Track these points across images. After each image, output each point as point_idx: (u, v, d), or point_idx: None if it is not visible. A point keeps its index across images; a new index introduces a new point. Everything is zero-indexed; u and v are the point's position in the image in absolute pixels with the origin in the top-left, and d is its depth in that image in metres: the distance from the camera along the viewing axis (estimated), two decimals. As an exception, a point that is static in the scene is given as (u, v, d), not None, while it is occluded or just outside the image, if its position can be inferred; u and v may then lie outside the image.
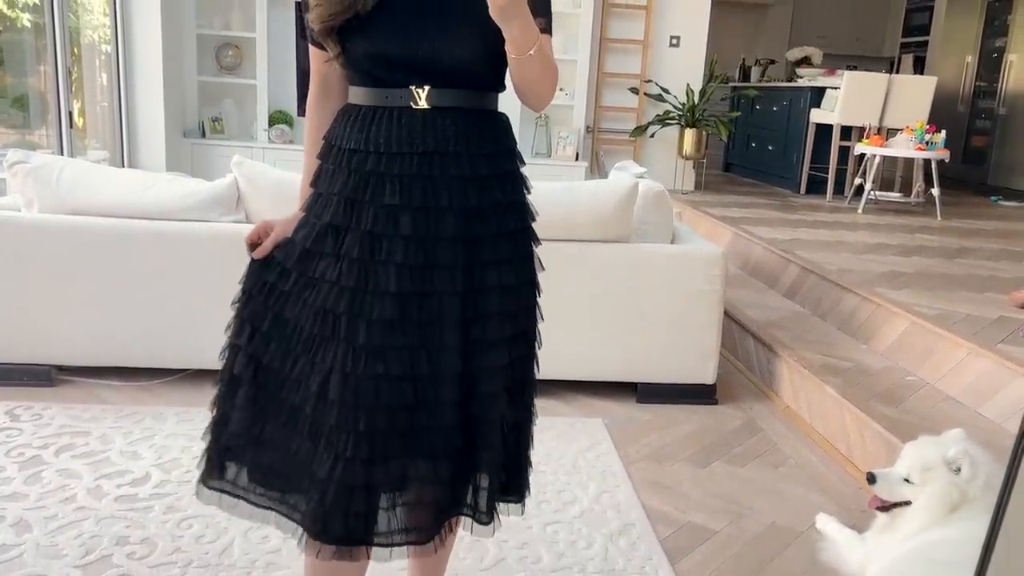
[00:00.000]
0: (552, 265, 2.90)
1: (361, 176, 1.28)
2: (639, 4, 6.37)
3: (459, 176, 1.28)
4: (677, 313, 2.99)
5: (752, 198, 6.49)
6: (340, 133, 1.33)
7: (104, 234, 2.79)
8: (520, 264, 1.36)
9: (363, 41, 1.27)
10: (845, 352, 3.17)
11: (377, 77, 1.29)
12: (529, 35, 1.17)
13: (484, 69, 1.30)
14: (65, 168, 2.83)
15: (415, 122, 1.28)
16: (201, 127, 5.87)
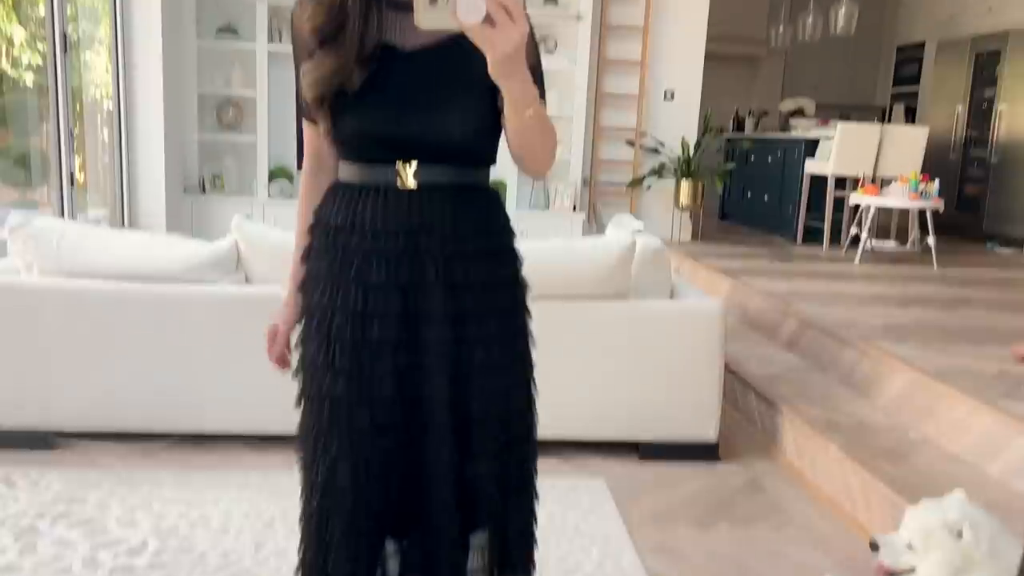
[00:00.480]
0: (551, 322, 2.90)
1: (347, 255, 1.29)
2: (633, 59, 6.47)
3: (445, 253, 1.28)
4: (677, 369, 2.99)
5: (749, 248, 6.52)
6: (328, 210, 1.34)
7: (103, 298, 2.79)
8: (509, 341, 1.34)
9: (351, 119, 1.27)
10: (847, 407, 3.16)
11: (365, 154, 1.30)
12: (528, 93, 1.14)
13: (473, 145, 1.30)
14: (66, 231, 2.85)
15: (401, 200, 1.28)
16: (201, 183, 5.92)
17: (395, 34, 1.27)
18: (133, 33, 5.31)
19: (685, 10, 6.49)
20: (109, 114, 5.35)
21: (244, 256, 2.91)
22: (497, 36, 1.03)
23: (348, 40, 1.23)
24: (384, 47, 1.26)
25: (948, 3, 8.15)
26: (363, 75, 1.24)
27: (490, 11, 1.02)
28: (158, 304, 2.81)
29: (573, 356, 2.95)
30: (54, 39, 4.49)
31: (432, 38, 1.26)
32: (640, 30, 6.43)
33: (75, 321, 2.79)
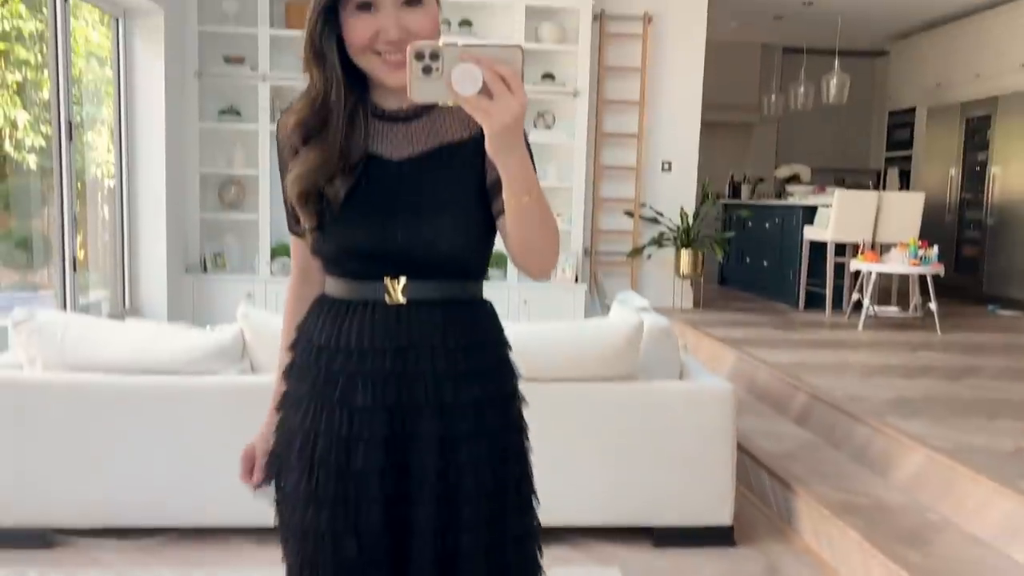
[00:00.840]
0: (559, 405, 2.88)
1: (331, 375, 1.23)
2: (631, 132, 6.56)
3: (435, 372, 1.21)
4: (689, 452, 2.94)
5: (752, 315, 6.51)
6: (312, 326, 1.28)
7: (106, 392, 2.75)
8: (502, 464, 1.26)
9: (336, 232, 1.21)
10: (863, 487, 3.10)
11: (350, 269, 1.24)
12: (528, 173, 1.07)
13: (464, 257, 1.24)
14: (70, 324, 2.82)
15: (389, 317, 1.22)
16: (203, 262, 5.92)
17: (381, 144, 1.23)
18: (136, 115, 5.38)
19: (680, 84, 6.60)
20: (110, 192, 5.39)
21: (249, 344, 2.89)
22: (495, 108, 0.99)
23: (332, 134, 1.20)
24: (370, 157, 1.22)
25: (936, 71, 8.31)
26: (347, 184, 1.20)
27: (487, 81, 0.99)
28: (161, 397, 2.77)
29: (582, 439, 2.91)
30: (59, 125, 4.54)
31: (424, 145, 1.23)
32: (636, 104, 6.52)
33: (77, 416, 2.74)
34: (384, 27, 1.14)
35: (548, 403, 2.88)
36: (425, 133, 1.23)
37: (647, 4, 6.47)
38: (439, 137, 1.23)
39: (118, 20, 5.15)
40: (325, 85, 1.19)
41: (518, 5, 5.93)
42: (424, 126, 1.24)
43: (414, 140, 1.23)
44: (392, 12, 1.15)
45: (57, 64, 4.45)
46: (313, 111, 1.21)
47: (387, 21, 1.14)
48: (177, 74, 5.58)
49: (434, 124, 1.24)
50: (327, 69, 1.19)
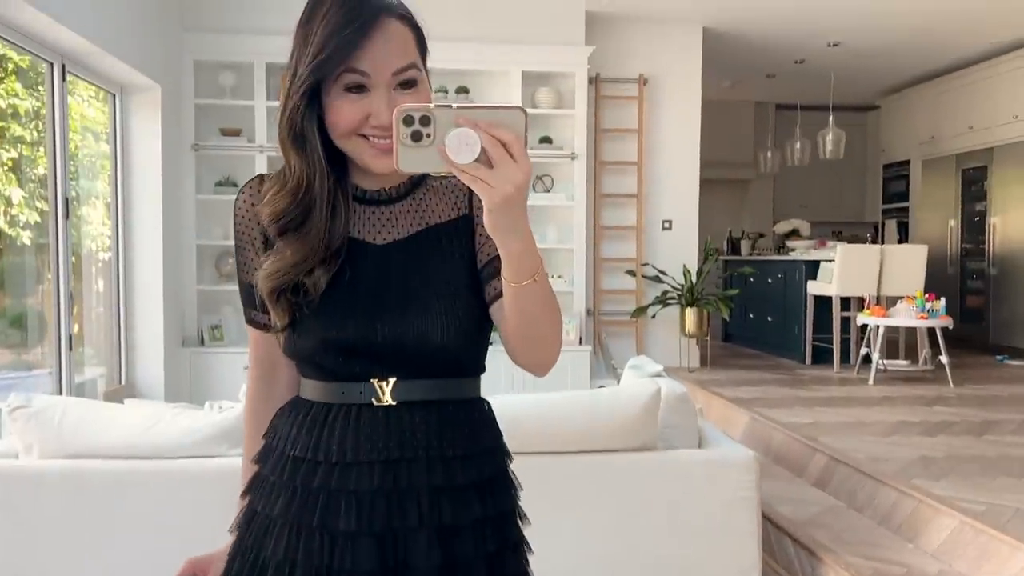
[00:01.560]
0: (575, 478, 2.77)
1: (309, 493, 1.06)
2: (630, 193, 6.56)
3: (431, 487, 1.06)
4: (712, 523, 2.82)
5: (760, 372, 6.42)
6: (285, 434, 1.10)
7: (106, 478, 2.64)
8: None
9: (313, 328, 1.06)
10: (894, 554, 2.98)
11: (331, 369, 1.08)
12: (532, 250, 0.95)
13: (458, 350, 1.09)
14: (68, 409, 2.72)
15: (377, 422, 1.06)
16: (200, 335, 5.83)
17: (363, 229, 1.11)
18: (133, 188, 5.34)
19: (677, 143, 6.64)
20: (105, 265, 5.32)
21: (253, 425, 2.78)
22: (496, 177, 0.87)
23: (315, 226, 1.06)
24: (352, 243, 1.09)
25: (929, 124, 8.38)
26: (329, 274, 1.07)
27: (486, 148, 0.88)
28: (162, 482, 2.66)
29: (600, 513, 2.79)
30: (56, 202, 4.49)
31: (408, 229, 1.12)
32: (635, 165, 6.54)
33: (76, 504, 2.62)
34: (376, 110, 1.02)
35: (564, 476, 2.78)
36: (410, 215, 1.12)
37: (642, 66, 6.53)
38: (425, 219, 1.12)
39: (115, 96, 5.15)
40: (308, 173, 1.06)
41: (515, 71, 5.97)
42: (408, 207, 1.13)
43: (398, 223, 1.12)
44: (385, 94, 1.03)
45: (54, 141, 4.43)
46: (294, 201, 1.07)
47: (379, 104, 1.02)
48: (174, 147, 5.57)
49: (419, 205, 1.13)
50: (310, 154, 1.06)
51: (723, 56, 7.32)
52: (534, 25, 6.11)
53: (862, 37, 6.94)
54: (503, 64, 5.98)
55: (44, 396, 2.79)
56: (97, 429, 2.69)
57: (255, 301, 1.14)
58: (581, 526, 2.77)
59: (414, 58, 1.06)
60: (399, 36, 1.04)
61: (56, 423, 2.66)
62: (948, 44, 7.18)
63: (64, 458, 2.66)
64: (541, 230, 6.12)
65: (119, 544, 2.64)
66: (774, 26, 6.67)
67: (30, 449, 2.67)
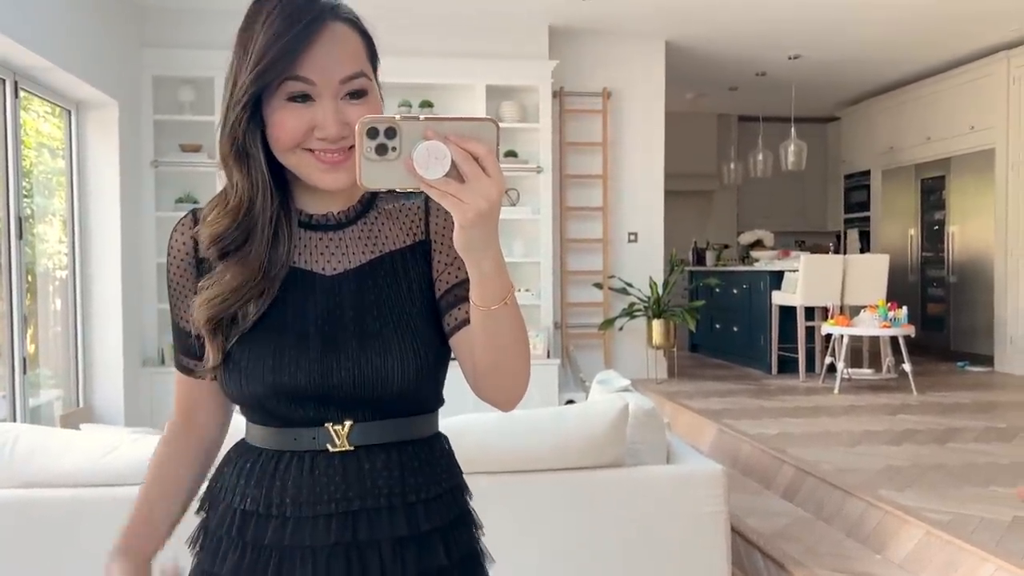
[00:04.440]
0: (542, 496, 2.73)
1: (261, 550, 0.98)
2: (596, 206, 6.57)
3: (393, 538, 0.98)
4: (681, 539, 2.80)
5: (727, 384, 6.45)
6: (232, 484, 1.02)
7: (61, 507, 2.55)
8: None
9: (259, 368, 0.98)
10: (862, 566, 2.98)
11: (280, 415, 0.99)
12: (503, 272, 0.89)
13: (418, 387, 1.01)
14: (20, 436, 2.63)
15: (333, 470, 0.98)
16: (160, 355, 5.72)
17: (310, 258, 1.03)
18: (90, 205, 5.23)
19: (642, 156, 6.66)
20: (62, 284, 5.19)
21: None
22: (468, 193, 0.81)
23: (256, 248, 0.99)
24: (297, 272, 1.02)
25: (887, 135, 8.51)
26: (264, 304, 0.99)
27: (457, 162, 0.82)
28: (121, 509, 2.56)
29: (567, 531, 2.76)
30: (9, 223, 4.37)
31: (361, 257, 1.03)
32: (600, 178, 6.55)
33: (29, 534, 2.54)
34: (321, 122, 0.95)
35: (531, 495, 2.75)
36: (361, 242, 1.04)
37: (605, 80, 6.56)
38: (378, 246, 1.04)
39: (70, 112, 5.05)
40: (251, 191, 0.98)
41: (479, 84, 5.95)
42: (359, 233, 1.04)
43: (349, 251, 1.03)
44: (331, 104, 0.95)
45: (7, 160, 4.31)
46: (234, 222, 0.99)
47: (325, 114, 0.95)
48: (132, 164, 5.47)
49: (371, 230, 1.04)
50: (253, 171, 0.98)
51: (686, 69, 7.38)
52: (498, 39, 6.11)
53: (821, 50, 7.03)
54: (467, 78, 5.97)
55: (-6, 423, 2.70)
56: (52, 456, 2.60)
57: (189, 346, 1.05)
58: (550, 545, 2.74)
59: (363, 66, 0.98)
60: (346, 41, 0.97)
61: (8, 451, 2.57)
62: (905, 56, 7.30)
63: (16, 487, 2.57)
64: (508, 244, 6.09)
65: (77, 573, 2.55)
66: (735, 39, 6.74)
67: (-20, 479, 2.58)
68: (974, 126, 7.18)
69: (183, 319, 1.05)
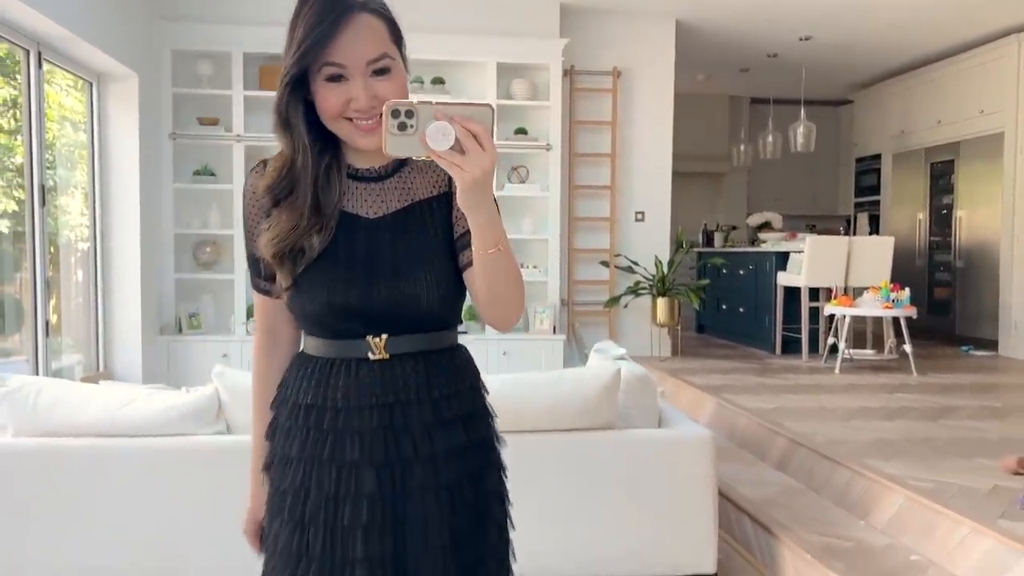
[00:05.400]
0: (540, 456, 2.86)
1: (320, 433, 1.25)
2: (603, 184, 6.65)
3: (423, 423, 1.25)
4: (670, 499, 2.92)
5: (730, 362, 6.54)
6: (296, 386, 1.29)
7: (80, 456, 2.71)
8: (485, 506, 1.31)
9: (317, 291, 1.24)
10: (845, 530, 3.09)
11: (331, 328, 1.26)
12: (495, 225, 1.13)
13: (440, 309, 1.27)
14: (43, 388, 2.78)
15: (373, 373, 1.25)
16: (178, 323, 5.88)
17: (356, 203, 1.28)
18: (111, 177, 5.38)
19: (650, 136, 6.74)
20: (83, 255, 5.36)
21: (225, 404, 2.86)
22: (467, 162, 1.04)
23: (300, 198, 1.24)
24: (345, 216, 1.27)
25: (899, 118, 8.52)
26: (324, 242, 1.24)
27: (459, 138, 1.04)
28: (136, 459, 2.73)
29: (562, 490, 2.89)
30: (32, 189, 4.53)
31: (397, 203, 1.29)
32: (608, 156, 6.63)
33: (50, 482, 2.69)
34: (355, 96, 1.19)
35: (527, 454, 2.87)
36: (397, 192, 1.29)
37: (615, 59, 6.63)
38: (410, 195, 1.29)
39: (92, 84, 5.19)
40: (293, 152, 1.24)
41: (490, 63, 6.04)
42: (395, 185, 1.29)
43: (387, 199, 1.29)
44: (361, 82, 1.19)
45: (31, 130, 4.46)
46: (280, 177, 1.25)
47: (357, 90, 1.19)
48: (151, 136, 5.61)
49: (405, 183, 1.30)
50: (294, 137, 1.24)
51: (697, 49, 7.43)
52: (509, 17, 6.19)
53: (832, 31, 7.06)
54: (479, 56, 6.06)
55: (19, 376, 2.85)
56: (72, 408, 2.75)
57: (260, 270, 1.33)
58: (543, 503, 2.87)
59: (386, 48, 1.20)
60: (369, 28, 1.19)
61: (31, 402, 2.73)
62: (917, 40, 7.32)
63: (39, 436, 2.72)
64: (516, 221, 6.21)
65: (93, 519, 2.71)
66: (746, 19, 6.78)
67: (5, 428, 2.74)
68: (983, 110, 7.20)
69: (255, 248, 1.30)
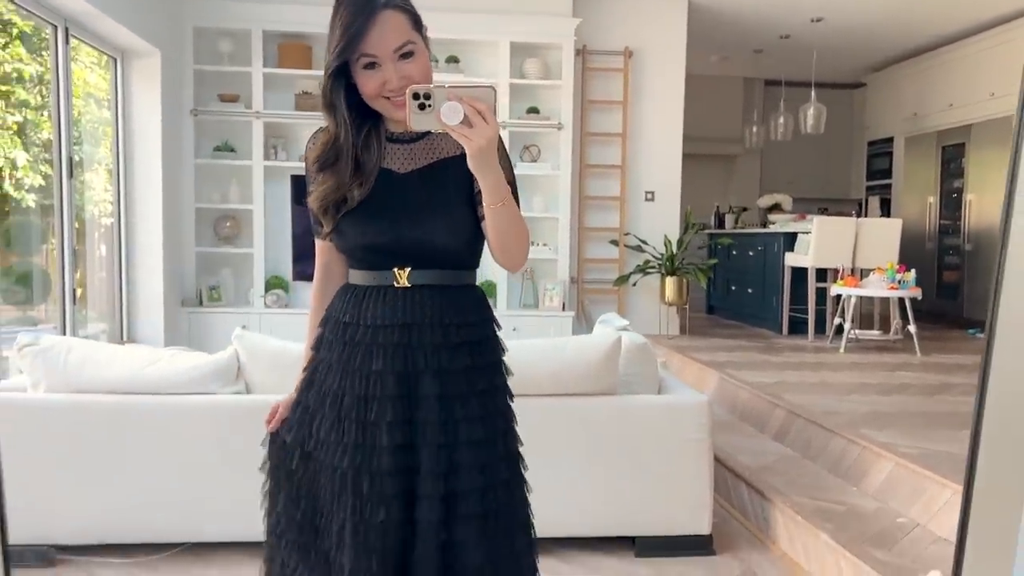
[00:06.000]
0: (542, 420, 3.00)
1: (353, 346, 1.52)
2: (614, 164, 6.75)
3: (433, 343, 1.50)
4: (668, 464, 3.05)
5: (737, 341, 6.65)
6: (339, 307, 1.58)
7: (107, 411, 2.87)
8: (490, 420, 1.53)
9: (356, 231, 1.53)
10: (837, 495, 3.22)
11: (368, 261, 1.54)
12: (500, 184, 1.39)
13: (456, 250, 1.53)
14: (72, 347, 2.95)
15: (396, 299, 1.51)
16: (199, 296, 6.05)
17: (392, 161, 1.55)
18: (134, 152, 5.54)
19: (661, 116, 6.82)
20: (107, 230, 5.52)
21: (244, 365, 3.01)
22: (474, 134, 1.31)
23: (342, 166, 1.51)
24: (383, 171, 1.53)
25: (912, 101, 8.55)
26: (364, 193, 1.50)
27: (467, 114, 1.30)
28: (160, 416, 2.89)
29: (565, 453, 3.02)
30: (60, 162, 4.69)
31: (424, 161, 1.55)
32: (619, 136, 6.73)
33: (79, 435, 2.86)
34: (388, 79, 1.45)
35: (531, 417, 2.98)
36: (424, 152, 1.55)
37: (627, 39, 6.71)
38: (436, 154, 1.55)
39: (116, 61, 5.33)
40: (336, 129, 1.52)
41: (503, 42, 6.15)
42: (424, 146, 1.56)
43: (416, 157, 1.55)
44: (392, 67, 1.45)
45: (59, 104, 4.61)
46: (326, 149, 1.54)
47: (389, 74, 1.45)
48: (173, 112, 5.76)
49: (431, 144, 1.56)
50: (337, 117, 1.51)
51: (710, 30, 7.48)
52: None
53: (844, 13, 7.10)
54: (492, 34, 6.16)
55: (51, 335, 3.02)
56: (100, 366, 2.92)
57: (316, 218, 1.59)
58: (546, 466, 2.99)
59: (409, 35, 1.47)
60: (394, 22, 1.45)
61: (62, 360, 2.89)
62: (929, 22, 7.34)
63: (69, 392, 2.89)
64: (528, 199, 6.33)
65: (120, 471, 2.87)
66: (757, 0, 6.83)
67: (37, 384, 2.91)
68: (994, 92, 7.23)
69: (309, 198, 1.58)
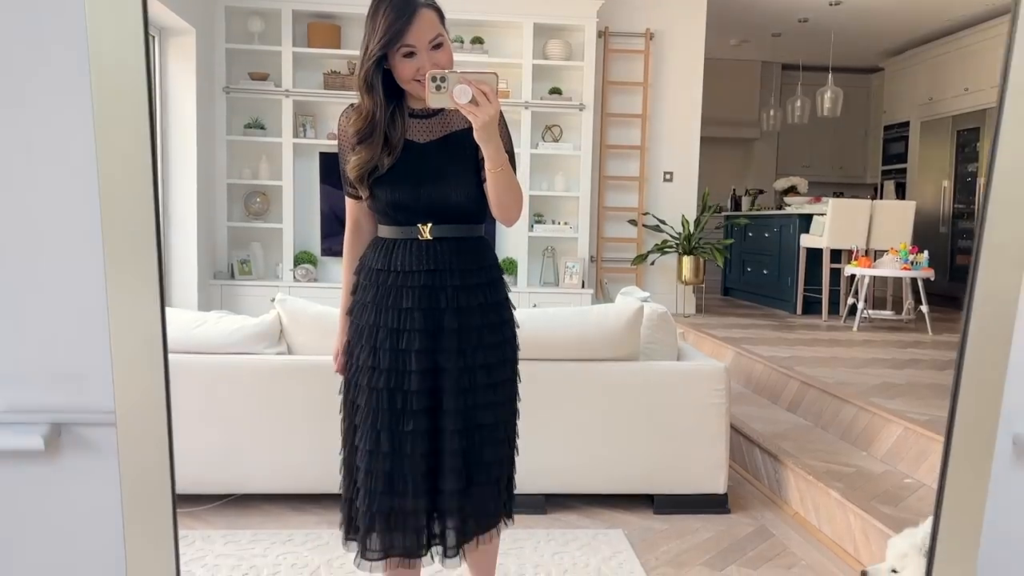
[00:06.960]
0: (567, 383, 3.18)
1: (386, 288, 1.84)
2: (634, 145, 6.88)
3: (453, 285, 1.83)
4: (686, 426, 3.22)
5: (751, 319, 6.80)
6: (372, 257, 1.89)
7: (161, 368, 3.05)
8: (499, 347, 1.89)
9: (386, 193, 1.82)
10: (847, 459, 3.38)
11: (396, 218, 1.85)
12: (500, 154, 1.72)
13: (469, 208, 1.84)
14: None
15: (422, 249, 1.83)
16: (231, 269, 6.25)
17: (413, 133, 1.85)
18: (170, 130, 5.72)
19: (680, 98, 6.93)
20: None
21: (286, 328, 3.19)
22: (479, 111, 1.62)
23: (376, 139, 1.80)
24: (407, 142, 1.83)
25: (927, 85, 8.62)
26: (392, 161, 1.80)
27: (475, 95, 1.61)
28: (207, 375, 3.07)
29: (588, 414, 3.19)
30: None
31: (439, 133, 1.85)
32: (639, 117, 6.85)
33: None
34: (422, 66, 1.74)
35: (557, 380, 3.18)
36: (439, 125, 1.85)
37: (648, 21, 6.82)
38: (449, 128, 1.85)
39: (154, 39, 5.51)
40: (373, 108, 1.79)
41: (527, 24, 6.28)
42: (439, 120, 1.85)
43: (433, 130, 1.85)
44: (426, 56, 1.74)
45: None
46: (364, 124, 1.81)
47: (424, 61, 1.74)
48: (207, 90, 5.94)
49: (445, 119, 1.85)
50: (375, 97, 1.78)
51: (728, 13, 7.58)
52: (547, -21, 6.40)
53: (864, -1, 7.19)
54: (516, 16, 6.29)
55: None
56: (153, 326, 3.09)
57: (350, 182, 1.86)
58: (570, 425, 3.18)
59: (440, 30, 1.76)
60: (429, 19, 1.75)
61: (118, 320, 3.07)
62: (945, 6, 7.41)
63: (125, 350, 3.07)
64: (550, 178, 6.49)
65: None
66: (779, -13, 6.93)
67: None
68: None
69: (345, 167, 1.86)
